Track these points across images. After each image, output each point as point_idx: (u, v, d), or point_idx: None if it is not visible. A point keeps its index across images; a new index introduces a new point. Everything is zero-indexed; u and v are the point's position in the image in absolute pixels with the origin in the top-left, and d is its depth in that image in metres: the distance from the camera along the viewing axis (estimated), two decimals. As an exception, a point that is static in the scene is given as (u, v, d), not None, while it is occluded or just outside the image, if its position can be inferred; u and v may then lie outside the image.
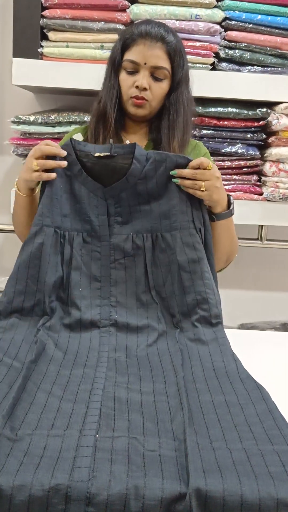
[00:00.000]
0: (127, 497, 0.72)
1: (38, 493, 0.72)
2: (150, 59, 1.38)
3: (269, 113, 2.08)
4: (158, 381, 1.07)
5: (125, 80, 1.42)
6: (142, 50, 1.38)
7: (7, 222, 2.51)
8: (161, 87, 1.41)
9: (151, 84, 1.40)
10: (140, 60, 1.38)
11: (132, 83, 1.40)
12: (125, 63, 1.41)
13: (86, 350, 1.18)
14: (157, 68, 1.39)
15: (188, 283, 1.26)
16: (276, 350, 1.34)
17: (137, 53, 1.38)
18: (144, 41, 1.38)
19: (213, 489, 0.74)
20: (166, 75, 1.41)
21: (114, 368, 1.11)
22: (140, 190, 1.29)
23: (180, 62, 1.42)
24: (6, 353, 1.13)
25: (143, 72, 1.39)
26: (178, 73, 1.43)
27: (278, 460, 0.81)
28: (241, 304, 2.71)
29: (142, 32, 1.38)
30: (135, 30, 1.40)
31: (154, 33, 1.38)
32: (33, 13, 2.02)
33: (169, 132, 1.45)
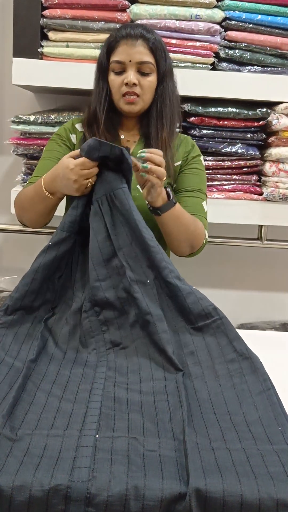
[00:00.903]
0: (127, 497, 0.72)
1: (38, 493, 0.72)
2: (134, 55, 1.46)
3: (269, 113, 2.08)
4: (158, 379, 1.06)
5: (114, 80, 1.50)
6: (126, 49, 1.47)
7: (7, 222, 2.51)
8: (149, 81, 1.49)
9: (140, 79, 1.48)
10: (125, 58, 1.47)
11: (121, 82, 1.48)
12: (112, 65, 1.50)
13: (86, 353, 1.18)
14: (142, 63, 1.47)
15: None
16: (276, 350, 1.34)
17: (121, 53, 1.47)
18: (126, 41, 1.47)
19: (213, 489, 0.74)
20: (152, 68, 1.49)
21: (114, 368, 1.11)
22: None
23: (162, 55, 1.51)
24: (7, 351, 1.13)
25: (130, 69, 1.47)
26: (162, 66, 1.51)
27: (278, 460, 0.81)
28: (241, 304, 2.71)
29: (123, 34, 1.48)
30: (117, 34, 1.49)
31: (134, 33, 1.47)
32: (33, 12, 2.02)
33: (157, 124, 1.53)
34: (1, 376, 1.03)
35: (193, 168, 1.62)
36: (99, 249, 1.23)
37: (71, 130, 1.63)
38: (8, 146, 2.21)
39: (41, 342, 1.16)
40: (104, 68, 1.53)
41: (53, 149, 1.60)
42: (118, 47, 1.49)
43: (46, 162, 1.57)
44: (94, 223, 1.24)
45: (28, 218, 1.54)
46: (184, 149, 1.63)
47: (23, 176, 2.17)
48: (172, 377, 1.06)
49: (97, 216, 1.24)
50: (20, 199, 1.54)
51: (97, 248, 1.23)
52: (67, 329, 1.22)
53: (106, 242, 1.23)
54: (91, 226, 1.24)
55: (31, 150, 2.10)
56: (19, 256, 2.68)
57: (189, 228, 1.48)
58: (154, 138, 1.53)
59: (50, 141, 1.63)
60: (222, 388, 1.03)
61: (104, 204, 1.24)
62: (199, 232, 1.52)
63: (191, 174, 1.61)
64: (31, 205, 1.48)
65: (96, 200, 1.25)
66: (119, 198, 1.23)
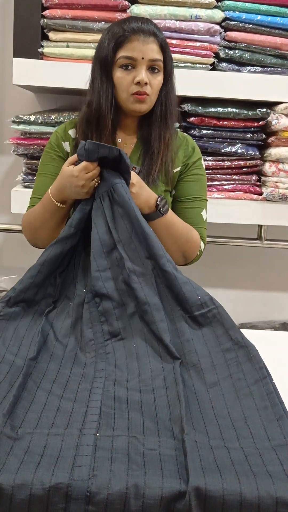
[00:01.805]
0: (127, 496, 0.73)
1: (39, 492, 0.73)
2: (147, 53, 1.40)
3: (268, 113, 2.08)
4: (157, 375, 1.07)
5: (122, 77, 1.42)
6: (138, 45, 1.40)
7: (7, 222, 2.52)
8: (158, 80, 1.44)
9: (150, 78, 1.42)
10: (137, 55, 1.40)
11: (131, 79, 1.41)
12: (121, 60, 1.41)
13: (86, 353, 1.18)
14: (153, 60, 1.42)
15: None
16: (275, 349, 1.34)
17: (133, 49, 1.40)
18: (138, 37, 1.40)
19: (213, 488, 0.74)
20: (161, 67, 1.45)
21: (114, 367, 1.11)
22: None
23: (169, 54, 1.47)
24: (8, 347, 1.14)
25: (141, 67, 1.41)
26: (169, 65, 1.48)
27: (276, 458, 0.82)
28: (240, 303, 2.71)
29: (134, 28, 1.40)
30: (126, 27, 1.41)
31: (146, 28, 1.41)
32: (33, 13, 2.02)
33: (161, 124, 1.49)
34: (2, 375, 1.03)
35: (193, 174, 1.58)
36: (100, 242, 1.25)
37: (63, 137, 1.57)
38: (9, 146, 2.22)
39: (42, 338, 1.17)
40: (109, 63, 1.44)
41: (48, 163, 1.57)
42: (128, 42, 1.40)
43: (42, 180, 1.55)
44: (95, 217, 1.27)
45: (42, 238, 1.50)
46: (183, 153, 1.58)
47: (23, 176, 2.17)
48: (170, 367, 1.06)
49: (99, 210, 1.27)
50: (29, 222, 1.52)
51: (97, 241, 1.25)
52: (69, 322, 1.23)
53: (107, 235, 1.26)
54: (93, 220, 1.27)
55: (31, 150, 2.11)
56: (19, 256, 2.68)
57: (180, 239, 1.47)
58: (157, 139, 1.49)
59: (45, 153, 1.59)
60: (219, 379, 1.04)
61: (105, 200, 1.27)
62: (192, 244, 1.51)
63: (191, 182, 1.58)
64: (42, 223, 1.47)
65: (99, 196, 1.28)
66: (117, 191, 1.26)
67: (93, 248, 1.25)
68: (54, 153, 1.57)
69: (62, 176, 1.35)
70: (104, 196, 1.27)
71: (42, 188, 1.53)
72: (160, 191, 1.50)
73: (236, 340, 1.13)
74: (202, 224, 1.57)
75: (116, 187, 1.26)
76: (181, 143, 1.59)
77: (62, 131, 1.58)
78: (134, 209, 1.25)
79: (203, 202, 1.59)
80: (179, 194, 1.57)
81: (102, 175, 1.29)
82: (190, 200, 1.57)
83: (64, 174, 1.33)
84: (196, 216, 1.56)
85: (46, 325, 1.21)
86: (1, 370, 1.05)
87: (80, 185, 1.28)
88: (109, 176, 1.28)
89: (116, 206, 1.26)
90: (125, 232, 1.25)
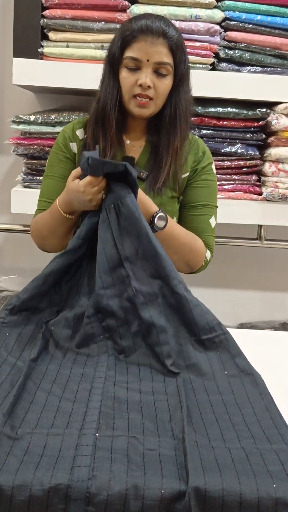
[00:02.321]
0: (126, 497, 0.73)
1: (38, 493, 0.73)
2: (153, 55, 1.33)
3: (268, 113, 2.08)
4: (158, 380, 1.07)
5: (126, 78, 1.37)
6: (144, 46, 1.32)
7: (7, 222, 2.52)
8: (164, 84, 1.37)
9: (155, 81, 1.35)
10: (142, 57, 1.33)
11: (135, 81, 1.35)
12: (126, 61, 1.35)
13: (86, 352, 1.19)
14: (160, 64, 1.34)
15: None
16: (275, 349, 1.34)
17: (139, 50, 1.33)
18: (145, 37, 1.32)
19: (212, 488, 0.74)
20: (169, 70, 1.36)
21: (114, 367, 1.11)
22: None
23: (182, 57, 1.38)
24: (10, 352, 1.14)
25: (146, 69, 1.34)
26: (180, 68, 1.39)
27: (277, 459, 0.82)
28: (240, 303, 2.71)
29: (142, 27, 1.33)
30: (135, 26, 1.34)
31: (155, 28, 1.32)
32: (33, 13, 2.02)
33: (169, 131, 1.42)
34: (3, 376, 1.04)
35: (202, 180, 1.51)
36: (106, 257, 1.22)
37: (71, 138, 1.51)
38: (8, 146, 2.22)
39: (43, 341, 1.17)
40: (116, 62, 1.38)
41: (55, 165, 1.52)
42: (135, 42, 1.33)
43: (50, 182, 1.52)
44: (101, 231, 1.24)
45: (51, 245, 1.49)
46: (193, 158, 1.51)
47: (23, 176, 2.17)
48: (172, 381, 1.07)
49: (105, 224, 1.24)
50: (37, 229, 1.50)
51: (103, 256, 1.22)
52: (68, 332, 1.22)
53: (113, 251, 1.23)
54: (99, 234, 1.24)
55: (31, 150, 2.11)
56: (19, 256, 2.69)
57: (182, 250, 1.43)
58: (165, 146, 1.42)
59: (52, 154, 1.54)
60: (221, 391, 1.04)
61: (112, 213, 1.24)
62: (196, 254, 1.46)
63: (200, 187, 1.51)
64: (51, 232, 1.45)
65: (105, 208, 1.25)
66: (126, 206, 1.22)
67: (98, 264, 1.23)
68: (62, 154, 1.52)
69: (68, 191, 1.31)
70: (111, 209, 1.24)
71: (49, 190, 1.50)
72: (167, 197, 1.46)
73: (242, 368, 1.11)
74: (210, 232, 1.52)
75: (125, 201, 1.22)
76: (191, 147, 1.52)
77: (69, 131, 1.53)
78: (144, 227, 1.20)
79: (212, 209, 1.53)
80: (187, 201, 1.51)
81: (109, 186, 1.25)
82: (198, 207, 1.51)
83: (69, 189, 1.29)
84: (204, 223, 1.51)
85: (46, 332, 1.21)
86: (2, 371, 1.05)
87: (87, 199, 1.25)
88: (116, 188, 1.24)
89: (123, 221, 1.22)
90: (132, 248, 1.22)
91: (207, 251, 1.50)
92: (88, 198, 1.25)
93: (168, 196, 1.47)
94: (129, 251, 1.22)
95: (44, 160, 2.13)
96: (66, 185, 1.32)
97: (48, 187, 1.52)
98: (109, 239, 1.23)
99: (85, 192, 1.24)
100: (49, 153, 2.08)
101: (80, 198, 1.26)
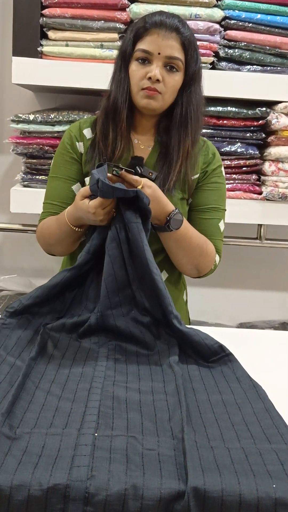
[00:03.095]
0: (125, 497, 0.73)
1: (37, 493, 0.72)
2: (165, 49, 1.32)
3: (268, 113, 2.08)
4: (157, 380, 1.07)
5: (136, 70, 1.35)
6: (156, 39, 1.32)
7: (6, 221, 2.52)
8: (174, 79, 1.35)
9: (164, 76, 1.33)
10: (154, 49, 1.32)
11: (144, 74, 1.33)
12: (137, 53, 1.34)
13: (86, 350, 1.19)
14: (171, 58, 1.33)
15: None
16: (274, 349, 1.34)
17: (151, 43, 1.32)
18: (158, 30, 1.32)
19: (212, 488, 0.74)
20: (180, 66, 1.35)
21: (113, 367, 1.11)
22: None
23: (194, 55, 1.37)
24: (10, 352, 1.14)
25: (156, 62, 1.33)
26: (192, 66, 1.37)
27: (277, 458, 0.82)
28: (240, 303, 2.71)
29: (156, 22, 1.32)
30: (149, 20, 1.33)
31: (169, 23, 1.32)
32: (33, 12, 2.02)
33: (180, 132, 1.40)
34: (2, 375, 1.03)
35: (211, 183, 1.49)
36: (115, 277, 1.22)
37: (77, 138, 1.48)
38: (8, 145, 2.22)
39: (42, 341, 1.17)
40: (128, 56, 1.37)
41: (61, 166, 1.48)
42: (147, 35, 1.32)
43: (56, 183, 1.49)
44: (110, 250, 1.22)
45: (58, 251, 1.49)
46: (203, 159, 1.49)
47: (23, 175, 2.17)
48: (172, 380, 1.06)
49: (114, 242, 1.22)
50: (44, 236, 1.48)
51: (112, 276, 1.22)
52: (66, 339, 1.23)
53: (122, 271, 1.22)
54: (107, 252, 1.22)
55: (30, 149, 2.11)
56: (18, 255, 2.69)
57: (193, 253, 1.41)
58: (175, 147, 1.40)
59: (57, 154, 1.51)
60: (221, 391, 1.04)
61: (122, 232, 1.22)
62: (207, 258, 1.44)
63: (209, 190, 1.49)
64: (58, 241, 1.44)
65: (115, 226, 1.23)
66: (132, 232, 1.20)
67: (106, 283, 1.22)
68: (68, 155, 1.48)
69: (77, 209, 1.29)
70: (121, 228, 1.22)
71: (55, 192, 1.48)
72: (177, 199, 1.43)
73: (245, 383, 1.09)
74: (219, 236, 1.50)
75: (132, 227, 1.20)
76: (200, 148, 1.49)
77: (76, 130, 1.50)
78: (146, 255, 1.19)
79: (221, 213, 1.51)
80: (196, 203, 1.49)
81: (118, 207, 1.23)
82: (208, 210, 1.48)
83: (79, 208, 1.27)
84: (213, 227, 1.49)
85: (45, 332, 1.21)
86: (1, 371, 1.05)
87: (98, 219, 1.23)
88: (125, 211, 1.21)
89: (132, 244, 1.22)
90: (140, 272, 1.22)
91: (216, 255, 1.49)
92: (99, 218, 1.23)
93: (178, 197, 1.44)
94: (138, 274, 1.22)
95: (43, 159, 2.13)
96: (75, 202, 1.30)
97: (54, 189, 1.49)
98: (118, 259, 1.22)
99: (95, 213, 1.22)
100: (48, 152, 2.10)
101: (90, 218, 1.24)
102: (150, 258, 1.20)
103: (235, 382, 1.08)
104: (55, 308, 1.28)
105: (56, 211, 1.46)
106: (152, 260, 1.20)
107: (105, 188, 1.17)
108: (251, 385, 1.06)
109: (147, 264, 1.19)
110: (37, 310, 1.26)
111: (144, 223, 1.22)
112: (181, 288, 1.58)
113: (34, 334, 1.22)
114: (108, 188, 1.17)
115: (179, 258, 1.42)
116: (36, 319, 1.27)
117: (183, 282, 1.58)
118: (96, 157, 1.42)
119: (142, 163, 1.33)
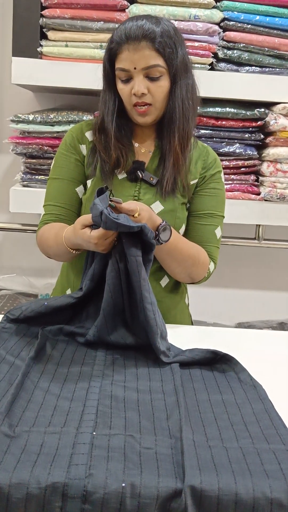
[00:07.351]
0: (123, 495, 0.73)
1: (35, 491, 0.73)
2: (139, 62, 1.29)
3: (267, 114, 2.09)
4: (155, 379, 1.08)
5: (122, 89, 1.35)
6: (128, 55, 1.29)
7: (5, 221, 2.52)
8: (160, 86, 1.32)
9: (149, 86, 1.31)
10: (129, 66, 1.30)
11: (130, 91, 1.33)
12: (118, 73, 1.34)
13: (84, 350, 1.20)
14: (148, 68, 1.30)
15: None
16: (273, 349, 1.35)
17: (125, 60, 1.30)
18: (127, 46, 1.29)
19: (208, 487, 0.74)
20: (162, 71, 1.31)
21: (112, 366, 1.12)
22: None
23: (173, 52, 1.32)
24: (9, 351, 1.15)
25: (137, 77, 1.31)
26: (174, 62, 1.32)
27: (274, 458, 0.82)
28: (238, 303, 2.72)
29: (121, 36, 1.30)
30: (115, 37, 1.32)
31: (133, 33, 1.28)
32: (32, 12, 2.03)
33: (169, 132, 1.38)
34: (1, 374, 1.04)
35: (210, 188, 1.47)
36: (113, 306, 1.22)
37: (80, 140, 1.46)
38: (7, 145, 2.22)
39: (41, 341, 1.18)
40: (109, 75, 1.37)
41: (63, 166, 1.46)
42: (120, 53, 1.31)
43: (57, 185, 1.46)
44: (110, 279, 1.20)
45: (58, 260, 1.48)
46: (202, 164, 1.48)
47: (22, 175, 2.18)
48: (170, 380, 1.07)
49: (114, 272, 1.20)
50: (43, 247, 1.46)
51: (111, 305, 1.21)
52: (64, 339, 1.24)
53: (120, 299, 1.22)
54: (107, 281, 1.21)
55: (30, 149, 2.11)
56: (18, 255, 2.69)
57: (185, 263, 1.40)
58: (167, 149, 1.39)
59: (59, 154, 1.48)
60: (221, 391, 1.05)
61: (121, 263, 1.20)
62: (200, 266, 1.43)
63: (207, 196, 1.47)
64: (56, 255, 1.43)
65: (115, 256, 1.21)
66: (131, 266, 1.18)
67: (104, 311, 1.21)
68: (70, 155, 1.46)
69: (76, 237, 1.24)
70: (121, 258, 1.20)
71: (57, 194, 1.46)
72: (178, 203, 1.42)
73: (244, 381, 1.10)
74: (214, 243, 1.49)
75: (131, 260, 1.17)
76: (200, 153, 1.49)
77: (78, 132, 1.48)
78: (142, 292, 1.18)
79: (218, 219, 1.49)
80: (194, 208, 1.48)
81: (120, 237, 1.20)
82: (204, 216, 1.47)
83: (79, 236, 1.22)
84: (208, 233, 1.47)
85: (43, 334, 1.22)
86: (0, 370, 1.06)
87: (100, 249, 1.20)
88: (126, 243, 1.18)
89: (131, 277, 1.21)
90: (134, 305, 1.21)
91: (210, 263, 1.48)
92: (101, 249, 1.20)
93: (179, 202, 1.44)
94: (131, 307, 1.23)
95: (43, 159, 2.13)
96: (75, 230, 1.24)
97: (57, 191, 1.46)
98: (117, 288, 1.21)
99: (97, 244, 1.18)
100: (48, 152, 2.11)
101: (91, 247, 1.21)
102: (146, 293, 1.18)
103: (236, 382, 1.09)
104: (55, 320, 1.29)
105: (59, 213, 1.45)
106: (147, 295, 1.18)
107: (109, 222, 1.14)
108: (252, 385, 1.07)
109: (141, 300, 1.18)
110: (38, 321, 1.27)
111: (147, 255, 1.21)
112: (182, 292, 1.57)
113: (32, 338, 1.24)
114: (113, 223, 1.14)
115: (172, 268, 1.41)
116: (36, 326, 1.27)
117: (184, 285, 1.58)
118: (97, 162, 1.43)
119: (143, 167, 1.33)
